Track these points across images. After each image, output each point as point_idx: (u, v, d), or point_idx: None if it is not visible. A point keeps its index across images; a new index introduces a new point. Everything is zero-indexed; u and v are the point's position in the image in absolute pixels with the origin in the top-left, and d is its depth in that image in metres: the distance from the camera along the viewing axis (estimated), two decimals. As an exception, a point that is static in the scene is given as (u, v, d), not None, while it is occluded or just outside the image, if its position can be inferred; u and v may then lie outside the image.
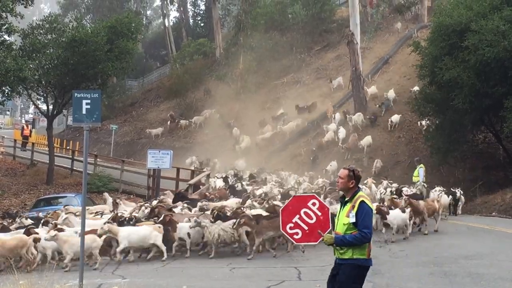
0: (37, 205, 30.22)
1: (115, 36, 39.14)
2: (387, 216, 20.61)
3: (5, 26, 33.66)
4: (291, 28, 65.10)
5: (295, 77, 59.62)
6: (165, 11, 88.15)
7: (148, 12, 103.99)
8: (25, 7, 35.78)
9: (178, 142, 56.76)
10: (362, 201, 8.84)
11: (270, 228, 18.54)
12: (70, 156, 45.42)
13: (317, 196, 10.31)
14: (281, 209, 10.35)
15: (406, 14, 62.68)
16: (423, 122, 39.95)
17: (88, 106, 14.01)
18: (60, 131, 71.41)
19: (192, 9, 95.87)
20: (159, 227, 19.11)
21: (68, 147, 55.55)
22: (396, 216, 20.82)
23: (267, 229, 18.59)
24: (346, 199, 9.08)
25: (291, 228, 9.83)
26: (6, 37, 35.56)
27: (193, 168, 39.65)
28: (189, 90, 64.84)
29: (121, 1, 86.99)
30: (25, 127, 56.73)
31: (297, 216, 9.81)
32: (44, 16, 39.55)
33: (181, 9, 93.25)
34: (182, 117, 60.78)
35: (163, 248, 18.78)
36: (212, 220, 19.55)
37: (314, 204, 9.91)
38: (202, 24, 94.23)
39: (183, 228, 19.35)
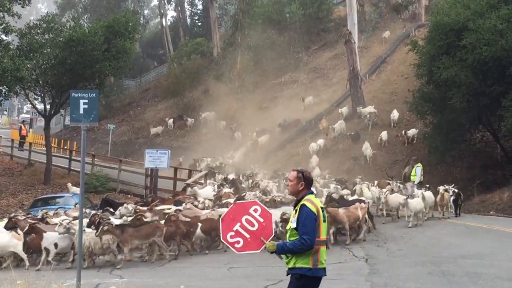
0: (35, 205, 30.13)
1: (112, 36, 39.10)
2: None
3: (2, 26, 33.70)
4: (288, 27, 65.01)
5: (293, 76, 59.63)
6: (162, 11, 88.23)
7: (146, 12, 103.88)
8: (22, 6, 35.80)
9: (175, 141, 56.74)
10: (303, 204, 8.29)
11: (135, 237, 18.27)
12: (68, 156, 45.41)
13: (259, 202, 9.81)
14: (221, 218, 9.77)
15: (404, 13, 62.70)
16: (410, 132, 39.95)
17: (86, 106, 13.99)
18: (57, 131, 71.32)
19: (190, 8, 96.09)
20: (19, 234, 18.81)
21: (65, 147, 55.55)
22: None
23: (132, 237, 18.24)
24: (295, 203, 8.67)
25: (231, 237, 9.30)
26: (3, 36, 35.62)
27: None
28: (186, 89, 64.80)
29: (118, 1, 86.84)
30: (22, 127, 56.63)
31: (238, 224, 9.31)
32: (42, 15, 39.52)
33: (179, 8, 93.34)
34: (182, 117, 60.63)
35: (24, 256, 18.63)
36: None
37: (256, 210, 9.37)
38: (199, 24, 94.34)
39: (50, 237, 18.83)
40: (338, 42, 59.36)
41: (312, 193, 8.55)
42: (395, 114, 42.85)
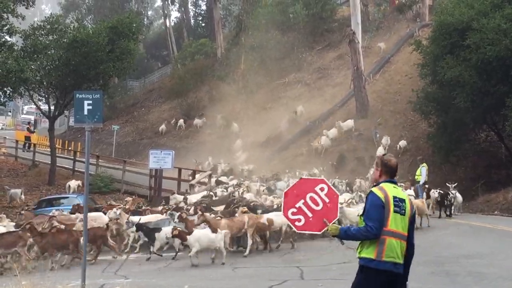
0: (40, 206, 30.20)
1: (116, 37, 39.13)
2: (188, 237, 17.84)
3: (7, 27, 33.75)
4: (292, 27, 64.92)
5: (297, 77, 59.54)
6: (166, 12, 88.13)
7: (149, 13, 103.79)
8: (26, 8, 35.88)
9: (179, 142, 56.74)
10: (370, 191, 7.80)
11: (55, 245, 18.08)
12: (72, 157, 45.48)
13: (326, 181, 9.09)
14: (285, 191, 9.18)
15: (408, 13, 62.61)
16: (401, 143, 39.75)
17: (90, 107, 14.01)
18: (61, 132, 71.39)
19: (193, 9, 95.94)
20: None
21: (69, 148, 55.63)
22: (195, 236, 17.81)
23: (52, 245, 18.07)
24: None
25: (293, 214, 8.69)
26: (7, 38, 35.69)
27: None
28: (190, 90, 64.74)
29: (122, 2, 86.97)
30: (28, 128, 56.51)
31: (302, 201, 8.67)
32: (45, 17, 39.57)
33: (182, 9, 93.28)
34: (186, 118, 60.59)
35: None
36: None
37: (322, 189, 8.73)
38: (203, 24, 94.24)
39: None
40: (342, 42, 59.28)
41: (391, 181, 7.93)
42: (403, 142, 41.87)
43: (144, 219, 21.10)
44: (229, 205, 23.22)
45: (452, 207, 28.05)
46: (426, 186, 29.50)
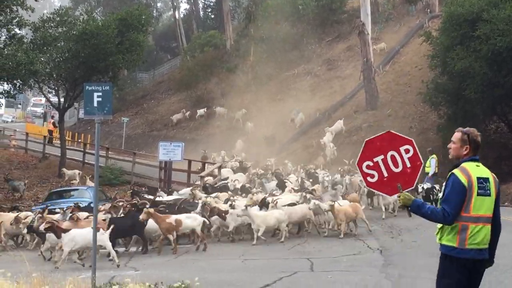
0: (50, 198, 30.22)
1: (125, 29, 39.17)
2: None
3: (16, 20, 33.79)
4: (301, 19, 64.85)
5: (306, 68, 59.50)
6: (175, 3, 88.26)
7: (159, 4, 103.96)
8: (36, 0, 35.86)
9: (189, 134, 56.79)
10: (452, 173, 7.12)
11: None
12: (82, 149, 45.58)
13: (414, 143, 8.27)
14: (366, 140, 8.41)
15: (417, 4, 62.38)
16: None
17: (100, 99, 13.99)
18: (71, 124, 71.58)
19: (202, 1, 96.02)
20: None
21: (79, 140, 55.76)
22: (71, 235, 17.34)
23: None
24: None
25: (368, 167, 8.03)
26: (17, 30, 35.69)
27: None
28: (200, 82, 64.71)
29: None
30: (49, 122, 56.05)
31: (382, 156, 8.00)
32: (55, 9, 39.61)
33: (191, 1, 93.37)
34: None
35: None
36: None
37: (407, 151, 8.04)
38: (212, 16, 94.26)
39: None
40: (351, 33, 59.17)
41: (474, 159, 7.29)
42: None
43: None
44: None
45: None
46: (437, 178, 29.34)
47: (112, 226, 17.71)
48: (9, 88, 35.33)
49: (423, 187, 26.22)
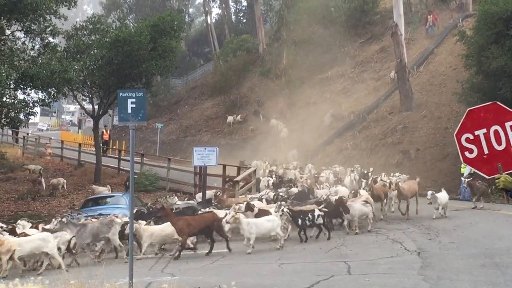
0: (86, 205, 30.37)
1: (158, 35, 39.24)
2: None
3: (50, 28, 33.97)
4: (334, 21, 64.54)
5: (340, 70, 59.24)
6: (207, 9, 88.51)
7: (190, 10, 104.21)
8: (69, 8, 36.05)
9: (223, 139, 56.91)
10: None
11: None
12: (117, 156, 45.85)
13: None
14: (469, 109, 7.94)
15: (451, 3, 61.84)
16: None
17: (133, 105, 14.06)
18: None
19: (234, 5, 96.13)
20: None
21: (114, 147, 56.09)
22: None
23: None
24: None
25: (467, 141, 7.47)
26: (50, 39, 35.89)
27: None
28: (233, 86, 64.81)
29: (163, 0, 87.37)
30: (104, 131, 56.10)
31: (484, 130, 7.35)
32: (87, 17, 39.97)
33: (223, 6, 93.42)
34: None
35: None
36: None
37: None
38: (244, 20, 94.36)
39: None
40: (384, 34, 58.90)
41: None
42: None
43: None
44: None
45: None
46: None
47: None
48: (43, 96, 35.56)
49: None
